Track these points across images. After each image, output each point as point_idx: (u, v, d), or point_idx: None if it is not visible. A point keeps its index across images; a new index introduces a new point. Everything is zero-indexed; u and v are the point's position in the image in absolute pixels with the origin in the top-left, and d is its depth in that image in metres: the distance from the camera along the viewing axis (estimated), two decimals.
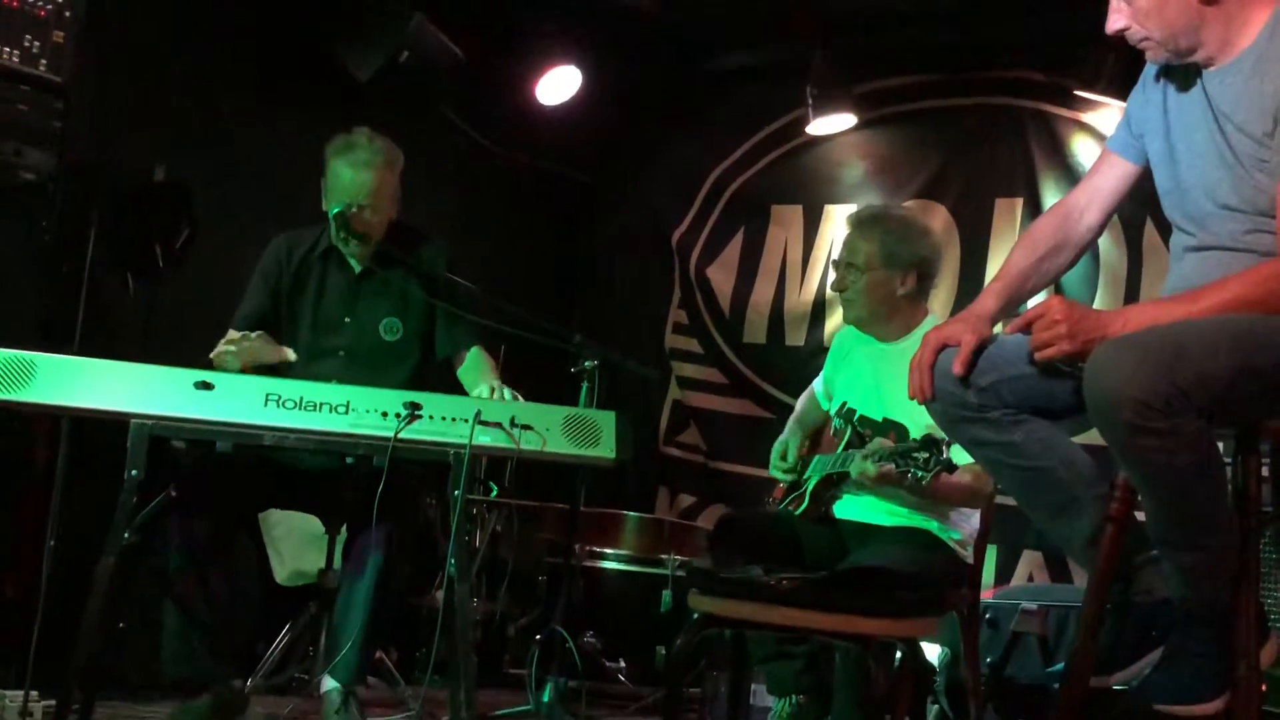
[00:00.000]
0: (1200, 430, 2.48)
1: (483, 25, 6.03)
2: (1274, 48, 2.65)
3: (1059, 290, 5.54)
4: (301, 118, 5.60)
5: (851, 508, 4.02)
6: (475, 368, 4.20)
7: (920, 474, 3.41)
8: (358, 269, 4.20)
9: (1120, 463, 2.61)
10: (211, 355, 3.83)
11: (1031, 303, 3.09)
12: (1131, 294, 5.41)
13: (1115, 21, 2.79)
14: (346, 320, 4.18)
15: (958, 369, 2.75)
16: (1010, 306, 3.00)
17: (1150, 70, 2.93)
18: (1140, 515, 2.71)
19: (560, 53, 6.45)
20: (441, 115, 6.24)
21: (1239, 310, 2.54)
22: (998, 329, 2.92)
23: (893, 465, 3.52)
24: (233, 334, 3.90)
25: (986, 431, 2.80)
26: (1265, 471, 2.73)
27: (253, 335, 3.84)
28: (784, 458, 4.23)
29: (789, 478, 4.23)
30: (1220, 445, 2.62)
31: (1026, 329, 2.69)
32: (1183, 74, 2.83)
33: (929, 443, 3.42)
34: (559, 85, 6.54)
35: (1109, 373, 2.47)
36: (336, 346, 4.16)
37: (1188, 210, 2.81)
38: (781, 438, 4.32)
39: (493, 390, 3.80)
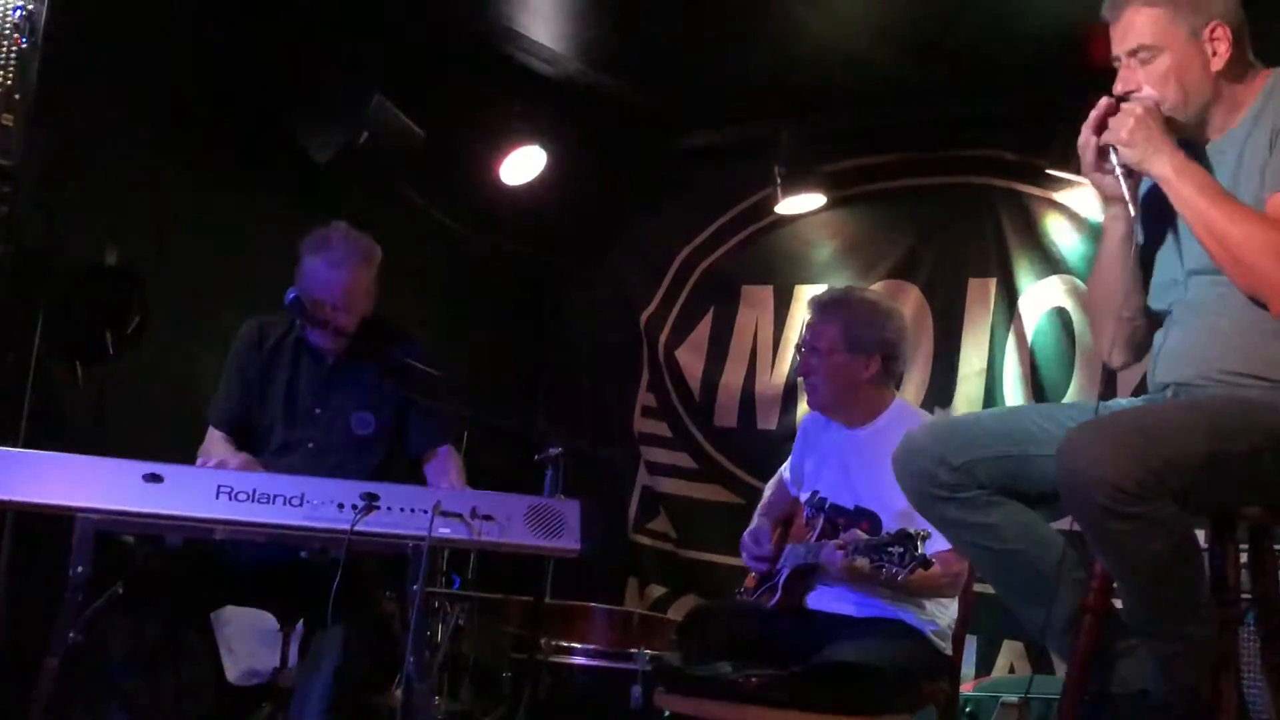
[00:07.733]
0: (1175, 515, 2.46)
1: (444, 106, 5.97)
2: (1273, 102, 2.68)
3: (1035, 368, 5.47)
4: (259, 200, 5.54)
5: (825, 599, 3.93)
6: (443, 466, 4.13)
7: (895, 570, 3.33)
8: (330, 360, 4.11)
9: (1095, 548, 2.58)
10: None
11: None
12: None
13: (1127, 82, 2.78)
14: (317, 411, 4.09)
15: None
16: None
17: None
18: (1118, 603, 2.66)
19: (524, 133, 6.39)
20: (402, 196, 6.16)
21: (1231, 244, 2.56)
22: (965, 407, 2.88)
23: (867, 561, 3.44)
24: (213, 433, 4.01)
25: (959, 511, 2.77)
26: (1243, 558, 2.69)
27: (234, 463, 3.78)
28: (758, 543, 4.13)
29: (763, 566, 4.13)
30: (1200, 534, 2.58)
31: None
32: (1187, 150, 2.78)
33: (903, 537, 3.35)
34: (523, 165, 6.47)
35: (1082, 456, 2.46)
36: (306, 438, 4.06)
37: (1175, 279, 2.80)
38: (751, 529, 4.22)
39: None
